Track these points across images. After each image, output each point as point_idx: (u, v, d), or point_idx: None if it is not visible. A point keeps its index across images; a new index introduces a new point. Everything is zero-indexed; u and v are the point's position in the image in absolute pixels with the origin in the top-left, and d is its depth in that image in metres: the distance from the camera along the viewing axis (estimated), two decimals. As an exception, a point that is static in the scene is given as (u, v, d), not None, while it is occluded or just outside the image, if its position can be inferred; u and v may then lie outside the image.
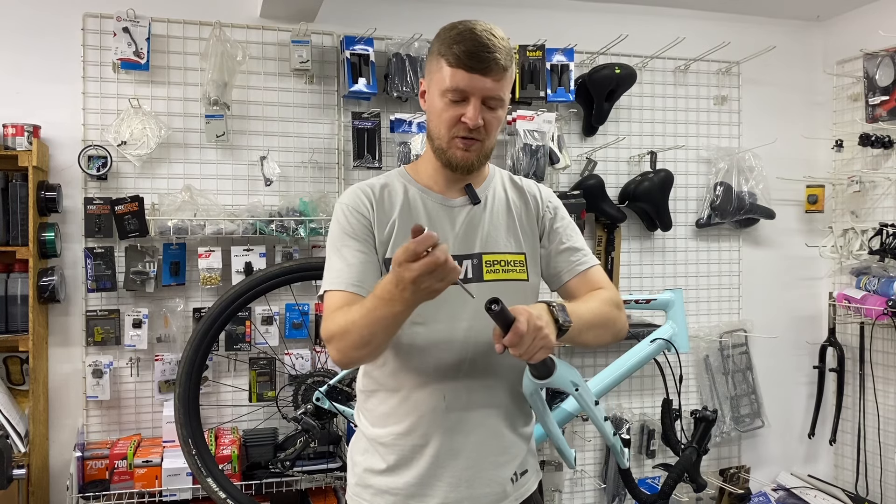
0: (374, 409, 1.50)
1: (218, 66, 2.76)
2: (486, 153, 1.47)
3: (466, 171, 1.46)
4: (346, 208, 1.47)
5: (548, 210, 1.58)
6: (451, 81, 1.38)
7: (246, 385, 2.92)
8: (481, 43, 1.38)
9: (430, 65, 1.45)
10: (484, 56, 1.37)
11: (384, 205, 1.48)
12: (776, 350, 3.57)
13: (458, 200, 1.50)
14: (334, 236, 1.47)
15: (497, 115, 1.43)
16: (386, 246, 1.45)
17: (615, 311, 1.51)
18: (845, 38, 3.52)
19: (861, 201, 3.43)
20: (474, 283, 1.45)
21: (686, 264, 3.50)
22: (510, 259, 1.49)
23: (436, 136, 1.45)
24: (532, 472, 1.57)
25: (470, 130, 1.40)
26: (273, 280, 2.61)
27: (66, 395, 2.80)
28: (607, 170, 3.33)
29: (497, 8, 3.19)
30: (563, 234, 1.57)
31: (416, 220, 1.46)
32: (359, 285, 1.40)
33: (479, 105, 1.39)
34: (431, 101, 1.45)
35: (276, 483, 2.74)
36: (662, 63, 3.41)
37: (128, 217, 2.71)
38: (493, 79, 1.39)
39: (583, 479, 3.35)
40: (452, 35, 1.40)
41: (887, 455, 3.33)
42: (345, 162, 3.03)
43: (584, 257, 1.57)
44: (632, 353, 2.69)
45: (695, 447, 2.68)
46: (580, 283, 1.55)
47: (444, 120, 1.41)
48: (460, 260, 1.44)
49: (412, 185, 1.51)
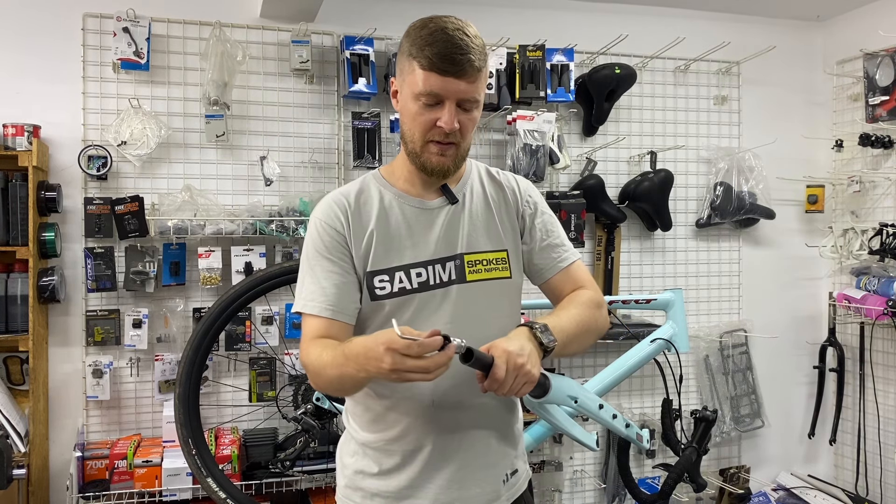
0: (363, 415, 1.49)
1: (218, 66, 2.76)
2: (462, 155, 1.44)
3: (442, 175, 1.43)
4: (319, 224, 1.43)
5: (527, 205, 1.54)
6: (424, 85, 1.34)
7: (246, 385, 2.92)
8: (454, 44, 1.32)
9: (402, 64, 1.41)
10: (457, 58, 1.32)
11: (360, 215, 1.44)
12: (776, 350, 3.57)
13: (436, 202, 1.47)
14: (308, 253, 1.44)
15: (472, 117, 1.40)
16: (365, 260, 1.42)
17: (596, 311, 1.50)
18: (845, 38, 3.52)
19: (861, 201, 3.43)
20: (457, 284, 1.43)
21: (686, 264, 3.49)
22: (492, 257, 1.47)
23: (409, 139, 1.41)
24: (522, 472, 1.56)
25: (446, 135, 1.37)
26: (273, 280, 2.61)
27: (66, 395, 2.79)
28: (607, 170, 3.33)
29: (497, 8, 3.19)
30: (545, 230, 1.54)
31: (395, 227, 1.43)
32: (334, 309, 1.39)
33: (454, 108, 1.35)
34: (404, 103, 1.40)
35: (276, 483, 2.74)
36: (662, 63, 3.41)
37: (128, 217, 2.71)
38: (468, 81, 1.35)
39: (583, 479, 3.35)
40: (424, 35, 1.35)
41: (887, 455, 3.33)
42: (345, 162, 3.03)
43: (566, 253, 1.55)
44: (632, 353, 2.69)
45: (695, 447, 2.68)
46: (563, 279, 1.54)
47: (418, 124, 1.38)
48: (443, 262, 1.43)
49: (388, 189, 1.48)
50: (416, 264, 1.42)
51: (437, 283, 1.43)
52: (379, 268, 1.42)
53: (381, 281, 1.41)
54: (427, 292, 1.42)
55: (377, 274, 1.41)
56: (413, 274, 1.42)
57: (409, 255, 1.43)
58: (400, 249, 1.43)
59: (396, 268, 1.42)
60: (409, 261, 1.42)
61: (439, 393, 1.42)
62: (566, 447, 3.28)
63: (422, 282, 1.42)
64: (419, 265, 1.42)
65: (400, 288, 1.41)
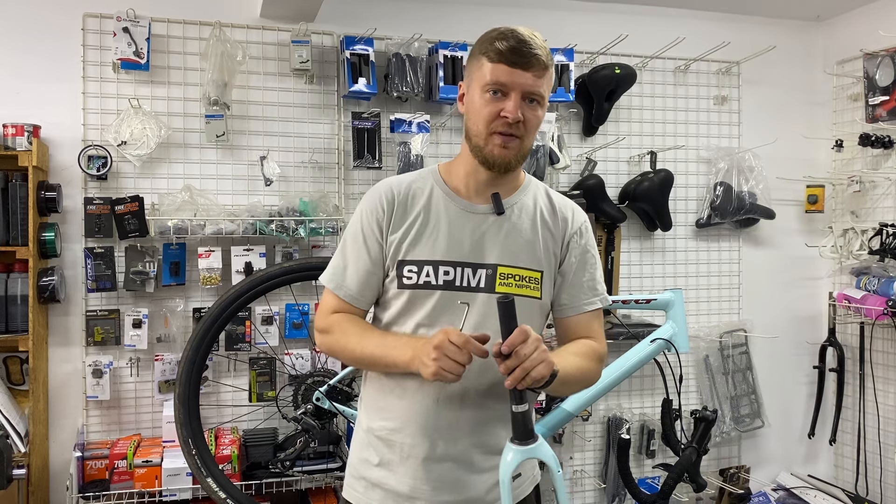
0: (373, 402, 1.52)
1: (218, 66, 2.76)
2: (525, 152, 1.46)
3: (504, 169, 1.45)
4: (363, 209, 1.51)
5: (576, 237, 1.54)
6: (491, 76, 1.39)
7: (246, 385, 2.92)
8: (523, 40, 1.39)
9: (471, 66, 1.46)
10: (525, 51, 1.38)
11: (406, 205, 1.48)
12: (776, 350, 3.57)
13: (483, 208, 1.49)
14: (351, 231, 1.51)
15: (537, 114, 1.43)
16: (399, 248, 1.46)
17: (597, 365, 1.52)
18: (845, 38, 3.52)
19: (861, 201, 3.43)
20: (485, 292, 1.44)
21: (686, 264, 3.50)
22: (526, 275, 1.47)
23: (474, 133, 1.44)
24: (526, 477, 1.55)
25: (509, 125, 1.39)
26: (273, 280, 2.61)
27: (65, 395, 2.79)
28: (607, 170, 3.33)
29: (497, 8, 3.19)
30: (584, 267, 1.54)
31: (435, 223, 1.46)
32: (353, 296, 1.49)
33: (519, 100, 1.39)
34: (471, 100, 1.45)
35: (276, 483, 2.74)
36: (662, 63, 3.41)
37: (128, 217, 2.71)
38: (534, 74, 1.39)
39: (583, 479, 3.35)
40: (494, 35, 1.42)
41: (887, 455, 3.33)
42: (345, 162, 3.03)
43: (595, 297, 1.55)
44: (632, 353, 2.69)
45: (695, 447, 2.68)
46: (579, 323, 1.54)
47: (483, 115, 1.41)
48: (475, 268, 1.45)
49: (440, 186, 1.51)
50: (445, 262, 1.44)
51: (464, 285, 1.44)
52: (410, 258, 1.45)
53: (409, 271, 1.45)
54: (450, 292, 1.44)
55: (407, 264, 1.45)
56: (441, 271, 1.44)
57: (442, 252, 1.45)
58: (434, 245, 1.45)
59: (426, 261, 1.44)
60: (440, 257, 1.44)
61: (446, 392, 1.43)
62: (566, 447, 3.29)
63: (447, 280, 1.44)
64: (449, 264, 1.44)
65: (425, 281, 1.44)
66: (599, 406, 3.31)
